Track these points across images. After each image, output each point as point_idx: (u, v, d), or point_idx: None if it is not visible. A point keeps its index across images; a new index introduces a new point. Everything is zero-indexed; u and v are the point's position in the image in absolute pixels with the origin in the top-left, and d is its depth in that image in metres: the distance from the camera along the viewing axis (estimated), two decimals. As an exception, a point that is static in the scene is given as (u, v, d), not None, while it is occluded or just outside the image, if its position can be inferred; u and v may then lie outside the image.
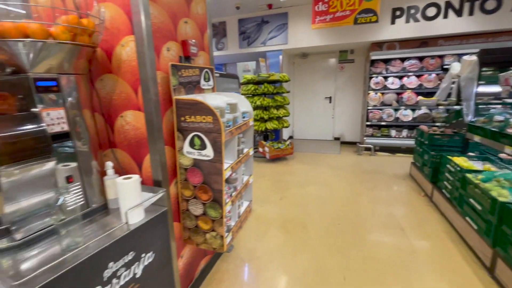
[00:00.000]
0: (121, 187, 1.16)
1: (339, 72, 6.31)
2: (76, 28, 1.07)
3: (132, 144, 1.42)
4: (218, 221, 1.48)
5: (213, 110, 1.29)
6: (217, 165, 1.38)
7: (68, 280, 0.88)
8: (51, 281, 0.83)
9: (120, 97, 1.38)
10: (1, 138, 0.91)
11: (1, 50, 0.97)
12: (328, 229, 2.54)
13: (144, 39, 1.23)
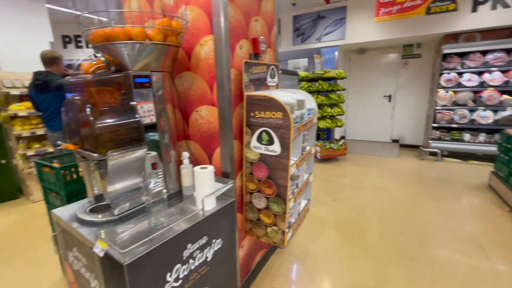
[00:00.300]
0: (198, 176, 1.25)
1: (402, 69, 5.77)
2: (168, 29, 1.19)
3: (205, 137, 1.53)
4: (280, 216, 1.50)
5: (283, 106, 1.30)
6: (283, 161, 1.39)
7: (157, 255, 1.00)
8: (146, 253, 0.95)
9: (196, 93, 1.49)
10: (110, 126, 1.07)
11: (110, 52, 1.14)
12: (389, 237, 2.36)
13: (222, 38, 1.31)
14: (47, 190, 1.76)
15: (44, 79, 2.57)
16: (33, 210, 3.08)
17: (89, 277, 1.16)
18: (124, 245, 0.96)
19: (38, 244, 2.37)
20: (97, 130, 1.02)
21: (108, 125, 1.06)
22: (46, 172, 1.69)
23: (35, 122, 3.23)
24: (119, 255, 0.90)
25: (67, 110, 1.13)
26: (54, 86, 2.60)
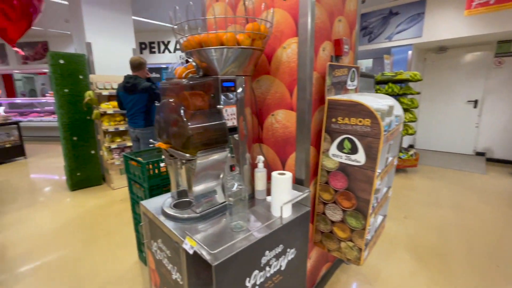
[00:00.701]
0: (276, 181, 1.22)
1: (494, 69, 4.90)
2: (256, 34, 1.18)
3: (279, 142, 1.49)
4: (358, 232, 1.37)
5: (374, 113, 1.18)
6: (367, 172, 1.26)
7: (241, 258, 0.99)
8: (232, 256, 0.94)
9: (274, 97, 1.47)
10: (201, 128, 1.11)
11: (202, 57, 1.19)
12: (479, 268, 1.99)
13: (307, 40, 1.25)
14: (132, 181, 1.96)
15: (133, 82, 2.91)
16: (113, 196, 3.51)
17: (171, 269, 1.23)
18: (212, 246, 0.98)
19: (119, 228, 2.68)
20: (189, 131, 1.06)
21: (200, 127, 1.10)
22: (133, 165, 1.88)
23: (119, 119, 3.69)
24: (209, 255, 0.92)
25: (161, 111, 1.21)
26: (140, 89, 2.92)
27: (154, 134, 3.18)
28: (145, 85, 2.94)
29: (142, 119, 3.08)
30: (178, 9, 1.26)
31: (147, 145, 3.16)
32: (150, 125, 3.14)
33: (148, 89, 2.96)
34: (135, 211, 2.03)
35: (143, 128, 3.10)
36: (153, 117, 3.19)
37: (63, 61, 3.32)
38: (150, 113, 3.14)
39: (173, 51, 6.67)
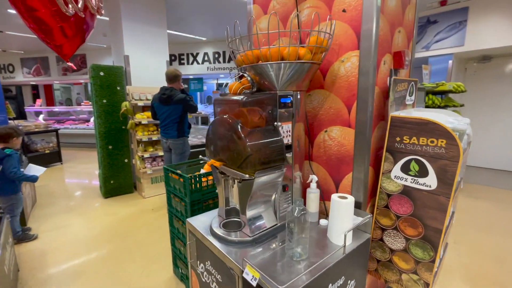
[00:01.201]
0: (338, 206, 1.12)
1: (545, 80, 4.49)
2: (318, 47, 1.12)
3: (332, 160, 1.39)
4: (425, 264, 1.22)
5: (451, 133, 1.06)
6: (440, 198, 1.13)
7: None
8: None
9: (327, 113, 1.38)
10: (260, 147, 1.04)
11: (260, 72, 1.14)
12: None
13: (371, 54, 1.17)
14: (171, 194, 1.93)
15: (169, 93, 2.96)
16: (144, 205, 3.54)
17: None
18: (276, 278, 0.89)
19: (152, 240, 2.67)
20: (248, 150, 1.00)
21: (259, 146, 1.04)
22: (173, 179, 1.86)
23: (152, 129, 3.76)
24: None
25: (215, 128, 1.17)
26: (175, 100, 2.96)
27: (186, 145, 3.20)
28: (180, 97, 2.98)
29: (175, 130, 3.11)
30: (231, 26, 1.23)
31: (179, 155, 3.18)
32: (182, 136, 3.17)
33: (183, 101, 2.99)
34: (172, 225, 2.00)
35: (175, 139, 3.12)
36: (186, 128, 3.21)
37: (103, 73, 3.47)
38: (183, 124, 3.17)
39: (201, 62, 6.83)
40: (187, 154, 3.28)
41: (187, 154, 3.28)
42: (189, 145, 3.35)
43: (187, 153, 3.29)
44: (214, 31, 5.93)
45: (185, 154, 3.26)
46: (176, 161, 3.21)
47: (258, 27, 1.67)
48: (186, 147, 3.24)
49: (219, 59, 6.74)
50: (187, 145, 3.27)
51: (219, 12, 4.86)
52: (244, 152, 1.01)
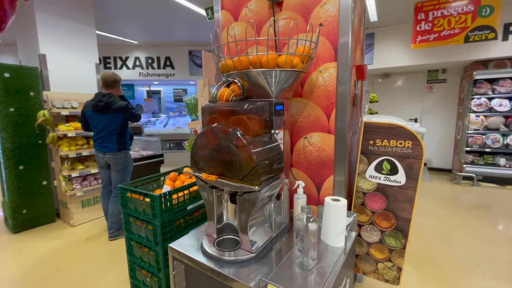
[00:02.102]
0: (333, 208, 1.17)
1: (427, 93, 5.86)
2: (307, 56, 1.16)
3: (313, 165, 1.46)
4: (397, 251, 1.39)
5: (416, 135, 1.25)
6: (408, 192, 1.32)
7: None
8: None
9: (307, 120, 1.44)
10: (265, 155, 1.00)
11: (253, 78, 1.10)
12: (467, 267, 2.23)
13: (348, 65, 1.29)
14: (131, 218, 1.65)
15: (107, 100, 2.55)
16: (74, 235, 2.91)
17: (224, 324, 1.03)
18: (299, 292, 0.86)
19: (98, 275, 2.20)
20: (255, 160, 0.95)
21: (263, 155, 1.00)
22: (134, 200, 1.60)
23: (81, 142, 3.16)
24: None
25: (209, 138, 1.06)
26: (115, 108, 2.57)
27: (128, 159, 2.81)
28: (120, 104, 2.61)
29: (115, 142, 2.70)
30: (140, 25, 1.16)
31: (121, 171, 2.76)
32: (124, 149, 2.77)
33: (124, 109, 2.63)
34: (132, 253, 1.70)
35: (116, 153, 2.71)
36: (127, 140, 2.83)
37: (9, 74, 2.74)
38: (124, 136, 2.78)
39: (131, 67, 6.18)
40: (130, 169, 2.88)
41: (130, 169, 2.88)
42: (132, 158, 2.95)
43: (130, 168, 2.89)
44: (147, 34, 5.48)
45: (128, 169, 2.85)
46: (117, 178, 2.77)
47: (229, 33, 1.63)
48: (128, 161, 2.84)
49: (152, 64, 6.23)
50: (130, 159, 2.88)
51: (153, 15, 4.52)
52: (250, 163, 0.95)
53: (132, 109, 2.72)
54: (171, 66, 6.19)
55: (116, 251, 2.56)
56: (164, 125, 6.39)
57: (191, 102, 2.18)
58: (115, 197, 2.78)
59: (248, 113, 1.01)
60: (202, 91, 1.98)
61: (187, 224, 1.66)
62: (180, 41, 5.97)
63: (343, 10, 1.26)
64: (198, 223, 1.74)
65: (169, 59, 6.15)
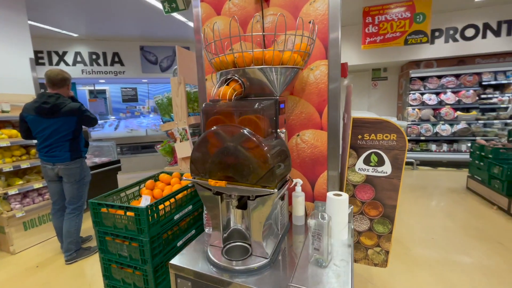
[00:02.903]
0: (336, 203, 1.20)
1: (372, 90, 6.51)
2: (303, 52, 1.16)
3: (306, 162, 1.47)
4: (385, 236, 1.51)
5: (400, 129, 1.36)
6: (394, 181, 1.43)
7: (351, 296, 0.91)
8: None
9: (299, 117, 1.45)
10: (279, 155, 0.97)
11: (265, 76, 1.05)
12: (423, 241, 2.55)
13: (338, 63, 1.33)
14: (108, 237, 1.44)
15: (54, 102, 2.17)
16: (18, 264, 2.42)
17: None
18: (328, 291, 0.85)
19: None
20: (271, 161, 0.91)
21: (278, 156, 0.96)
22: (111, 215, 1.39)
23: (19, 153, 2.64)
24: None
25: (216, 141, 0.98)
26: (65, 111, 2.21)
27: (84, 168, 2.46)
28: (72, 106, 2.27)
29: (67, 150, 2.33)
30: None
31: (76, 183, 2.41)
32: (78, 157, 2.41)
33: (77, 111, 2.29)
34: (111, 277, 1.49)
35: (69, 162, 2.34)
36: (82, 148, 2.47)
37: None
38: (78, 142, 2.42)
39: (72, 63, 5.39)
40: (87, 180, 2.53)
41: (87, 180, 2.53)
42: (88, 167, 2.59)
43: (87, 179, 2.54)
44: (90, 27, 4.83)
45: (85, 180, 2.50)
46: (72, 192, 2.40)
47: (210, 28, 1.53)
48: (84, 171, 2.49)
49: (98, 61, 5.53)
50: (86, 169, 2.52)
51: (96, 4, 4.01)
52: (267, 164, 0.91)
53: (86, 112, 2.37)
54: (120, 62, 5.59)
55: (78, 276, 2.22)
56: (115, 128, 5.76)
57: (163, 102, 2.00)
58: (71, 214, 2.41)
59: (258, 112, 0.96)
60: (177, 89, 1.83)
61: (175, 236, 1.53)
62: (130, 36, 5.43)
63: (333, 8, 1.29)
64: (185, 233, 1.62)
65: (117, 55, 5.54)
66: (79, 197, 2.45)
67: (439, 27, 5.00)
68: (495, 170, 3.40)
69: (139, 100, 8.07)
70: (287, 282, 0.91)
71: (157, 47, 5.80)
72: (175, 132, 1.86)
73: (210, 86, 1.61)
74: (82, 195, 2.48)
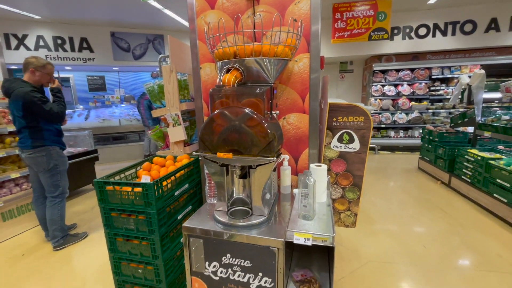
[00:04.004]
0: (318, 172, 1.46)
1: (340, 81, 7.00)
2: (293, 47, 1.38)
3: (291, 141, 1.72)
4: (354, 202, 1.84)
5: (366, 112, 1.66)
6: (361, 155, 1.74)
7: (332, 238, 1.18)
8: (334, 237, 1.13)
9: (285, 103, 1.68)
10: (276, 131, 1.19)
11: (263, 65, 1.25)
12: (384, 213, 3.00)
13: (317, 56, 1.57)
14: (114, 213, 1.56)
15: (8, 86, 2.18)
16: (2, 254, 2.38)
17: (250, 278, 1.21)
18: (324, 230, 1.11)
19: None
20: (271, 135, 1.13)
21: (275, 131, 1.18)
22: (119, 192, 1.51)
23: (-8, 142, 2.53)
24: (331, 240, 1.06)
25: (224, 120, 1.17)
26: (14, 95, 2.16)
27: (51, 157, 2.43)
28: (19, 91, 2.14)
29: (28, 138, 2.25)
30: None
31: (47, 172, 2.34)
32: (41, 146, 2.29)
33: (21, 97, 2.13)
34: (116, 250, 1.62)
35: (30, 150, 2.26)
36: (46, 135, 2.33)
37: None
38: (39, 131, 2.28)
39: (33, 48, 4.98)
40: (61, 169, 2.41)
41: (61, 169, 2.41)
42: (63, 156, 2.47)
43: (62, 168, 2.42)
44: (53, 8, 4.51)
45: (58, 169, 2.39)
46: (46, 181, 2.36)
47: (204, 20, 1.68)
48: (53, 160, 2.35)
49: (63, 46, 5.17)
50: (55, 158, 2.37)
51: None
52: (267, 138, 1.13)
53: (36, 101, 2.17)
54: (89, 49, 5.30)
55: (69, 261, 2.27)
56: (85, 118, 5.50)
57: (154, 89, 2.08)
58: (51, 202, 2.38)
59: (259, 96, 1.17)
60: (168, 77, 1.94)
61: (175, 210, 1.69)
62: (99, 20, 5.15)
63: (314, 9, 1.52)
64: (184, 208, 1.79)
65: (85, 41, 5.23)
66: (56, 186, 2.39)
67: (398, 25, 5.54)
68: (439, 151, 4.01)
69: (108, 89, 7.70)
70: (284, 229, 1.16)
71: (130, 34, 5.59)
72: (168, 118, 1.98)
73: (204, 74, 1.76)
74: (58, 184, 2.40)
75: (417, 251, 2.27)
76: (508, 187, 2.65)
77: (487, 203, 2.96)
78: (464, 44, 5.45)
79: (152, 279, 1.59)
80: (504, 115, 3.15)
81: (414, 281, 1.93)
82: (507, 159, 2.83)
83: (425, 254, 2.23)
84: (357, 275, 2.01)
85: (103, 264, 2.16)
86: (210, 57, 1.73)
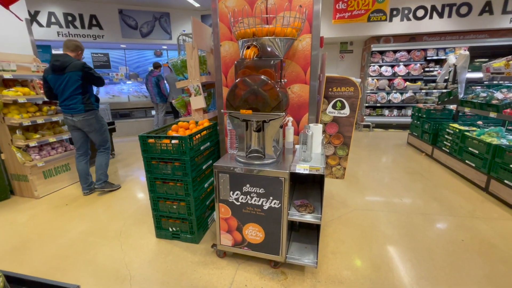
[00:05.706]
0: (316, 129, 1.87)
1: (340, 61, 7.26)
2: (298, 28, 1.73)
3: (294, 107, 2.12)
4: (344, 157, 2.27)
5: (356, 83, 2.05)
6: (350, 119, 2.15)
7: (324, 173, 1.62)
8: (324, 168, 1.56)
9: (290, 75, 2.06)
10: (285, 93, 1.58)
11: (269, 43, 1.62)
12: (375, 180, 3.47)
13: (318, 36, 1.93)
14: (155, 161, 1.98)
15: (63, 60, 2.54)
16: (48, 204, 2.83)
17: (264, 202, 1.65)
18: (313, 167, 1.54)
19: (104, 224, 2.39)
20: (280, 96, 1.53)
21: (284, 94, 1.58)
22: (159, 144, 1.93)
23: (33, 109, 2.90)
24: (322, 170, 1.50)
25: (245, 85, 1.55)
26: (71, 67, 2.58)
27: (99, 118, 2.85)
28: (77, 63, 2.62)
29: (81, 103, 2.71)
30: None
31: (97, 132, 2.85)
32: (91, 110, 2.79)
33: (81, 68, 2.63)
34: (155, 190, 2.06)
35: (83, 114, 2.72)
36: (93, 101, 2.85)
37: None
38: (89, 97, 2.78)
39: (45, 25, 5.19)
40: (105, 128, 2.98)
41: (105, 128, 2.98)
42: (103, 118, 3.01)
43: (105, 128, 3.00)
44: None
45: (104, 128, 2.96)
46: (98, 139, 2.91)
47: (225, 5, 2.00)
48: (100, 120, 2.92)
49: (74, 23, 5.38)
50: (101, 119, 2.96)
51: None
52: (278, 98, 1.52)
53: (90, 70, 2.71)
54: (99, 26, 5.50)
55: (108, 206, 2.73)
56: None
57: (177, 64, 2.43)
58: (102, 152, 2.96)
59: (272, 67, 1.55)
60: (191, 53, 2.28)
61: (201, 161, 2.12)
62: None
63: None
64: (206, 161, 2.22)
65: (95, 18, 5.42)
66: (106, 140, 2.97)
67: (397, 6, 5.75)
68: (426, 126, 4.43)
69: (112, 67, 7.90)
70: (289, 165, 1.59)
71: (137, 11, 5.76)
72: (191, 88, 2.35)
73: (223, 51, 2.12)
74: (107, 139, 2.98)
75: (395, 203, 2.76)
76: (477, 153, 3.10)
77: (460, 169, 3.42)
78: (459, 26, 5.69)
79: (184, 213, 2.05)
80: (482, 92, 3.54)
81: (390, 223, 2.42)
82: (479, 131, 3.26)
83: (400, 204, 2.72)
84: (344, 218, 2.49)
85: (137, 209, 2.64)
86: (228, 35, 2.08)
